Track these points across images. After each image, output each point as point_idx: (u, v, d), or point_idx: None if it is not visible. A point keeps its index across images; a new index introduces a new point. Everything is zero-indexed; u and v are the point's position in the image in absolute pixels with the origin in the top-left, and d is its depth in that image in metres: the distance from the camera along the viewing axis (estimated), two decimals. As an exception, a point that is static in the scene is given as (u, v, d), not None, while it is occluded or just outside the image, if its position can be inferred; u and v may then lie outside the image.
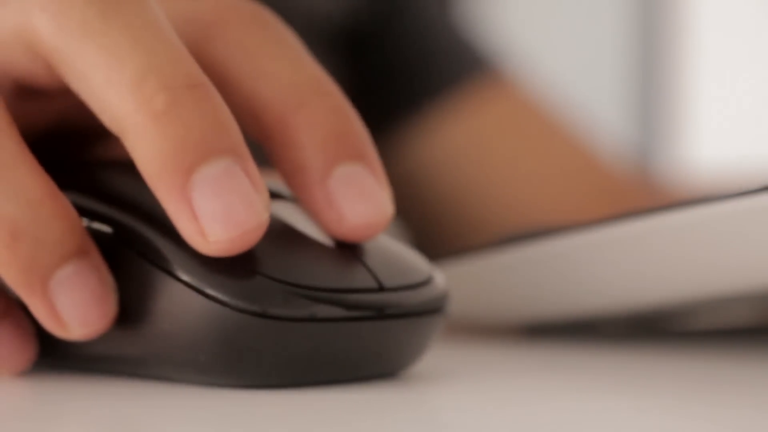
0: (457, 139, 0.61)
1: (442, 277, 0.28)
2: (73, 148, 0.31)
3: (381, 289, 0.26)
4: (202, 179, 0.24)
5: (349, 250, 0.27)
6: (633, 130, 1.87)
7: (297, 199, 0.28)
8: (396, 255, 0.28)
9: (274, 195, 0.27)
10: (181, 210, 0.25)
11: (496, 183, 0.61)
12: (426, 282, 0.27)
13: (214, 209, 0.24)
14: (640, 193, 0.64)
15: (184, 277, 0.25)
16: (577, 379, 0.29)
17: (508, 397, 0.27)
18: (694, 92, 1.89)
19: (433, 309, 0.27)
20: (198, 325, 0.25)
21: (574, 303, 0.34)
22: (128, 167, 0.26)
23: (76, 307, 0.26)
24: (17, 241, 0.25)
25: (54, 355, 0.28)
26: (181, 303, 0.25)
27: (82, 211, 0.27)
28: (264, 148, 0.28)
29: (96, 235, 0.27)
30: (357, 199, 0.27)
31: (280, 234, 0.26)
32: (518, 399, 0.26)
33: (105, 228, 0.27)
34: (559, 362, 0.33)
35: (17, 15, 0.26)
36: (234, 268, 0.25)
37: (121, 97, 0.25)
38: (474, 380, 0.29)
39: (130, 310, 0.26)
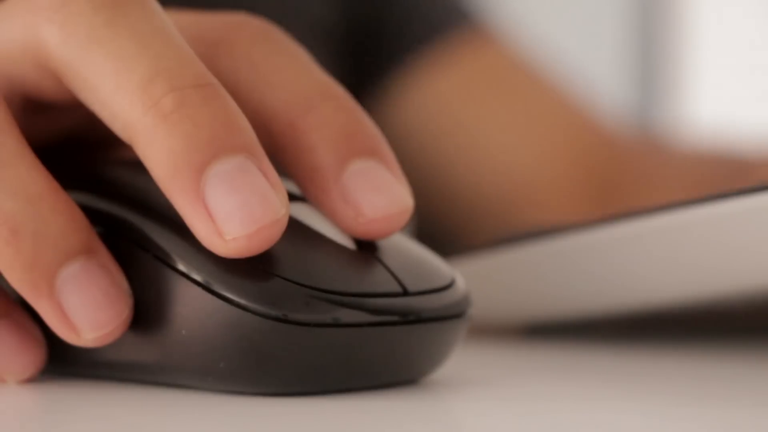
0: (439, 94, 0.60)
1: (462, 279, 0.27)
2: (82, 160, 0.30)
3: (405, 293, 0.26)
4: (214, 177, 0.24)
5: (369, 253, 0.26)
6: (630, 87, 1.85)
7: (313, 202, 0.27)
8: (417, 257, 0.27)
9: (292, 197, 0.26)
10: (196, 210, 0.24)
11: (475, 141, 0.60)
12: (449, 285, 0.27)
13: (229, 206, 0.24)
14: (632, 150, 0.63)
15: (201, 280, 0.25)
16: (591, 385, 0.29)
17: (528, 403, 0.26)
18: (693, 49, 1.87)
19: (457, 313, 0.26)
20: (216, 330, 0.25)
21: (574, 303, 0.34)
22: (140, 166, 0.25)
23: (85, 308, 0.25)
24: (17, 236, 0.25)
25: (64, 362, 0.27)
26: (199, 307, 0.25)
27: (93, 212, 0.26)
28: (277, 159, 0.27)
29: (108, 237, 0.26)
30: (373, 192, 0.26)
31: (299, 236, 0.26)
32: (539, 406, 0.26)
33: (116, 229, 0.26)
34: (571, 364, 0.33)
35: (24, 29, 0.26)
36: (253, 270, 0.25)
37: (130, 101, 0.25)
38: (490, 386, 0.28)
39: (146, 314, 0.26)
